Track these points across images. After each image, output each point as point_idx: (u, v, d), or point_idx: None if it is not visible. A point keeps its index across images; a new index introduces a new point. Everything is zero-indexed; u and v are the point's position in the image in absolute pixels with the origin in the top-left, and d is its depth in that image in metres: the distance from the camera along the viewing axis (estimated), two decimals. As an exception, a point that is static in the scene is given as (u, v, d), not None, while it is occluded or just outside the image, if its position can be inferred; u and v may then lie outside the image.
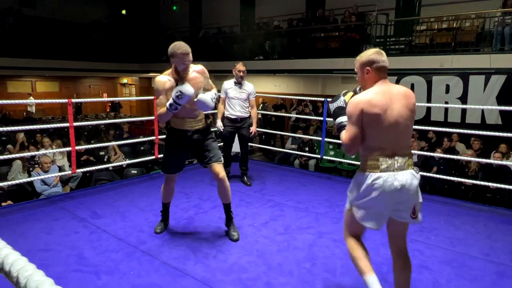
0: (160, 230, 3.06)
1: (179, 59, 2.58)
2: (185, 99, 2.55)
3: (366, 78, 1.89)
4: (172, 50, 2.58)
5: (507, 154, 5.78)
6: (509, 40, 6.85)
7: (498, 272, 2.54)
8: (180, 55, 2.57)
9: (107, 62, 13.91)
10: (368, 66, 1.86)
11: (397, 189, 1.77)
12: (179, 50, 2.57)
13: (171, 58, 2.60)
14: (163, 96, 2.64)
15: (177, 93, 2.53)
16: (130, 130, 8.76)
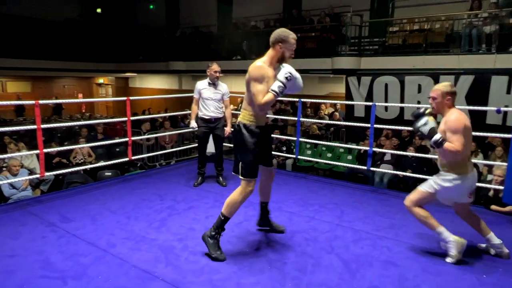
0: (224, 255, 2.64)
1: (290, 44, 2.50)
2: (293, 82, 2.46)
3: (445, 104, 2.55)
4: (284, 34, 2.50)
5: (476, 152, 6.00)
6: (477, 41, 7.10)
7: (461, 267, 2.63)
8: (293, 40, 2.51)
9: (82, 61, 13.60)
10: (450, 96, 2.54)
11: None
12: (291, 35, 2.51)
13: (280, 43, 2.49)
14: (265, 84, 2.47)
15: (287, 74, 2.42)
16: (105, 131, 8.58)
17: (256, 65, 2.50)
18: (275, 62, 2.55)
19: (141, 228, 3.17)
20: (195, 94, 4.33)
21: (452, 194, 2.60)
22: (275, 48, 2.52)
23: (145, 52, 13.51)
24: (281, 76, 2.42)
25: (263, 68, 2.49)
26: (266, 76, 2.47)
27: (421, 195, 2.68)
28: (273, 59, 2.54)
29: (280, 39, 2.49)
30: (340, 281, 2.41)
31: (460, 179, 2.53)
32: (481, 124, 6.59)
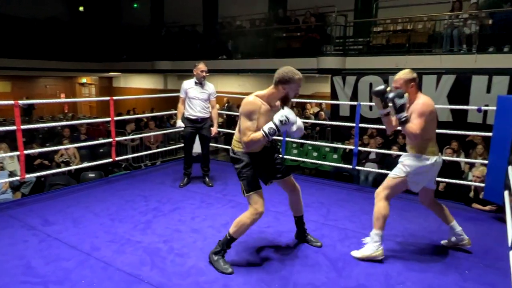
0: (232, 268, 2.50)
1: (296, 85, 2.37)
2: (288, 127, 2.31)
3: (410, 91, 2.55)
4: (289, 75, 2.33)
5: (458, 151, 6.13)
6: (458, 42, 7.25)
7: (444, 263, 2.68)
8: (299, 80, 2.36)
9: (64, 61, 13.31)
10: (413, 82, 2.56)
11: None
12: (297, 75, 2.35)
13: (283, 84, 2.35)
14: (255, 120, 2.35)
15: (282, 118, 2.27)
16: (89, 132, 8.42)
17: (248, 100, 2.38)
18: (275, 101, 2.44)
19: (125, 230, 3.12)
20: (181, 94, 4.28)
21: (422, 177, 2.60)
22: (277, 87, 2.38)
23: (129, 51, 13.32)
24: (277, 118, 2.28)
25: (254, 104, 2.36)
26: (256, 113, 2.35)
27: (392, 181, 2.65)
28: (273, 97, 2.42)
29: (284, 80, 2.34)
30: (326, 280, 2.42)
31: (429, 159, 2.56)
32: (463, 123, 6.75)
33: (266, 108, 2.39)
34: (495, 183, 3.40)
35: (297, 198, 2.80)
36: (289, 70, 2.36)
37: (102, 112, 15.87)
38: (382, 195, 2.66)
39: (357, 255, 2.70)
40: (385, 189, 2.67)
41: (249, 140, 2.35)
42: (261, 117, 2.36)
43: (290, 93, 2.39)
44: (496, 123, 3.39)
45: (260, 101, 2.38)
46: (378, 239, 2.64)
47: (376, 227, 2.65)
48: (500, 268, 2.60)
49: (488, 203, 3.65)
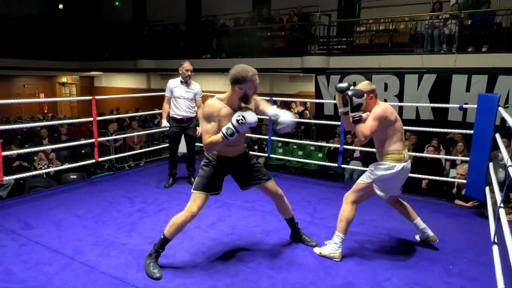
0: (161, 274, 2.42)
1: (251, 82, 2.29)
2: (246, 127, 2.27)
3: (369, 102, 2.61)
4: (242, 74, 2.27)
5: (438, 149, 6.26)
6: (438, 42, 7.41)
7: (429, 258, 2.73)
8: (253, 77, 2.29)
9: (43, 59, 12.95)
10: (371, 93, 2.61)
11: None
12: (250, 72, 2.28)
13: (238, 84, 2.29)
14: (214, 123, 2.32)
15: (239, 118, 2.23)
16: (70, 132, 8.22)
17: (207, 103, 2.38)
18: (236, 102, 2.37)
19: (110, 232, 3.05)
20: (166, 93, 4.22)
21: (387, 184, 2.60)
22: (234, 88, 2.33)
23: (111, 50, 13.07)
24: (234, 119, 2.26)
25: (212, 107, 2.33)
26: (215, 115, 2.32)
27: (359, 186, 2.68)
28: (233, 99, 2.36)
29: (237, 80, 2.28)
30: (314, 278, 2.43)
31: (394, 167, 2.55)
32: (443, 121, 6.90)
33: (228, 111, 2.35)
34: (477, 180, 3.48)
35: (281, 202, 2.78)
36: (242, 68, 2.30)
37: (84, 112, 15.52)
38: (349, 199, 2.69)
39: (317, 251, 2.76)
40: (352, 193, 2.70)
41: (208, 142, 2.31)
42: (223, 120, 2.32)
43: (248, 91, 2.33)
44: (477, 120, 3.47)
45: (220, 104, 2.35)
46: (338, 241, 2.67)
47: (338, 229, 2.67)
48: (483, 262, 2.67)
49: (471, 199, 3.73)
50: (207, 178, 2.50)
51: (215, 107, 2.34)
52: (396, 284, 2.38)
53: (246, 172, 2.63)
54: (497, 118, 3.40)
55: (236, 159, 2.57)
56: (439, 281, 2.42)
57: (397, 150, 2.58)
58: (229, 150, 2.51)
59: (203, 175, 2.51)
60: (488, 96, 3.47)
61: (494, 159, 3.65)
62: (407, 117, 7.36)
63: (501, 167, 3.93)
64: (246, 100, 2.37)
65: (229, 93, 2.38)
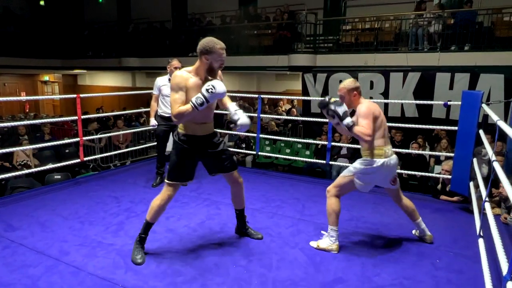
0: (143, 260, 2.54)
1: (217, 54, 2.35)
2: (216, 96, 2.31)
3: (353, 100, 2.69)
4: (209, 45, 2.33)
5: (423, 146, 6.37)
6: (422, 40, 7.53)
7: (416, 253, 2.77)
8: (220, 50, 2.35)
9: (24, 57, 12.59)
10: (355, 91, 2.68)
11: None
12: (218, 44, 2.35)
13: (205, 55, 2.34)
14: (182, 93, 2.36)
15: (208, 87, 2.27)
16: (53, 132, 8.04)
17: (175, 73, 2.44)
18: (203, 73, 2.43)
19: (96, 233, 3.00)
20: (154, 91, 4.16)
21: (368, 178, 2.68)
22: (201, 59, 2.39)
23: (94, 48, 12.82)
24: (204, 88, 2.30)
25: (180, 77, 2.38)
26: (183, 86, 2.36)
27: (341, 180, 2.76)
28: (199, 70, 2.42)
29: (205, 50, 2.35)
30: (305, 275, 2.43)
31: (375, 162, 2.63)
32: (428, 118, 7.02)
33: (196, 81, 2.40)
34: (461, 175, 3.55)
35: (239, 191, 2.82)
36: (210, 40, 2.37)
37: (67, 111, 15.19)
38: (332, 192, 2.76)
39: (313, 245, 2.82)
40: (335, 186, 2.77)
41: (177, 112, 2.33)
42: (192, 91, 2.36)
43: (214, 63, 2.38)
44: (461, 117, 3.54)
45: (187, 74, 2.40)
46: (334, 234, 2.74)
47: (330, 223, 2.75)
48: (468, 256, 2.73)
49: (456, 195, 3.81)
50: (179, 167, 2.54)
51: (183, 77, 2.38)
52: (385, 278, 2.41)
53: (216, 157, 2.66)
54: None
55: (206, 138, 2.60)
56: (427, 275, 2.46)
57: (378, 146, 2.65)
58: (198, 128, 2.53)
59: (175, 164, 2.54)
60: (472, 93, 3.54)
61: (478, 154, 3.73)
62: (392, 115, 7.46)
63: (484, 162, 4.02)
64: (211, 72, 2.42)
65: (196, 64, 2.42)
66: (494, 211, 3.23)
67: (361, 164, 2.68)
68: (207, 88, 2.28)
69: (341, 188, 2.75)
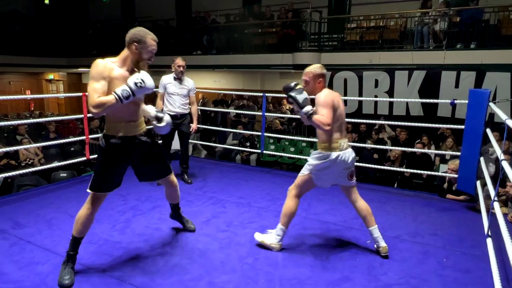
0: (71, 281, 2.23)
1: (148, 46, 2.20)
2: (144, 92, 2.13)
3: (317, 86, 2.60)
4: (140, 34, 2.19)
5: (428, 144, 6.34)
6: (427, 38, 7.49)
7: (423, 252, 2.76)
8: (152, 40, 2.21)
9: (29, 56, 12.66)
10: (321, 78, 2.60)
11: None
12: (150, 35, 2.21)
13: (136, 44, 2.17)
14: (104, 82, 2.12)
15: (137, 80, 2.09)
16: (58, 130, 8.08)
17: (97, 61, 2.16)
18: (130, 64, 2.23)
19: (103, 230, 3.01)
20: (160, 89, 4.17)
21: (324, 173, 2.59)
22: (130, 48, 2.20)
23: (99, 47, 12.85)
24: (131, 81, 2.10)
25: (102, 65, 2.14)
26: (106, 76, 2.13)
27: (300, 179, 2.69)
28: (127, 60, 2.22)
29: (136, 38, 2.18)
30: (311, 273, 2.43)
31: (329, 156, 2.54)
32: (433, 116, 7.00)
33: (121, 73, 2.19)
34: (468, 174, 3.53)
35: (174, 191, 2.78)
36: (141, 29, 2.23)
37: (71, 109, 15.26)
38: (293, 193, 2.70)
39: (258, 238, 2.78)
40: (295, 187, 2.70)
41: (97, 103, 2.06)
42: (116, 82, 2.14)
43: (144, 54, 2.21)
44: (468, 115, 3.52)
45: (112, 64, 2.18)
46: (281, 233, 2.70)
47: (282, 222, 2.70)
48: (476, 255, 2.71)
49: (462, 194, 3.79)
50: (104, 174, 2.31)
51: (106, 66, 2.15)
52: (392, 277, 2.40)
53: (147, 161, 2.47)
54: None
55: (133, 139, 2.34)
56: (434, 274, 2.46)
57: (334, 138, 2.56)
58: (125, 127, 2.29)
59: (99, 172, 2.31)
60: (479, 92, 3.51)
61: (485, 153, 3.70)
62: (397, 113, 7.44)
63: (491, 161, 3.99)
64: (137, 64, 2.24)
65: (123, 54, 2.24)
66: (501, 210, 3.21)
67: (316, 159, 2.59)
68: (136, 82, 2.09)
69: (301, 187, 2.68)
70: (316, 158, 2.59)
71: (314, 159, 2.61)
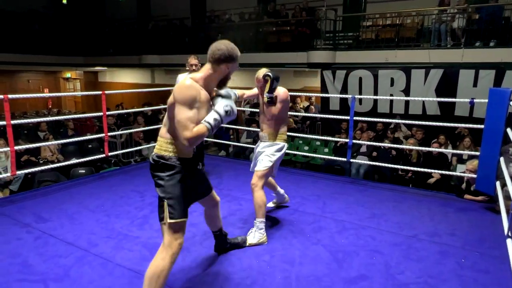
0: None
1: (236, 64, 1.99)
2: (231, 119, 1.94)
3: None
4: (234, 52, 1.95)
5: (445, 144, 6.24)
6: (445, 36, 7.37)
7: (441, 252, 2.74)
8: (237, 58, 1.99)
9: (47, 55, 12.95)
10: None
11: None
12: (239, 52, 1.98)
13: (227, 63, 1.94)
14: (196, 111, 1.85)
15: (227, 108, 1.89)
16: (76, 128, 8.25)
17: (185, 84, 1.86)
18: (213, 85, 1.98)
19: (122, 226, 3.08)
20: None
21: (279, 161, 2.99)
22: (219, 67, 1.94)
23: (115, 45, 13.06)
24: (221, 108, 1.88)
25: (195, 89, 1.86)
26: (197, 100, 1.85)
27: (264, 172, 2.87)
28: (211, 80, 1.96)
29: (230, 57, 1.93)
30: (328, 271, 2.44)
31: (284, 147, 2.96)
32: (450, 116, 6.88)
33: (206, 96, 1.92)
34: (487, 174, 3.48)
35: (216, 211, 2.45)
36: (231, 45, 1.97)
37: (88, 107, 15.55)
38: (260, 185, 2.84)
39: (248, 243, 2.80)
40: (260, 179, 2.86)
41: (195, 135, 1.82)
42: (202, 107, 1.89)
43: (232, 71, 2.01)
44: (488, 114, 3.46)
45: (199, 86, 1.90)
46: (262, 226, 2.83)
47: (259, 215, 2.83)
48: (495, 256, 2.68)
49: (481, 194, 3.73)
50: (182, 197, 1.99)
51: (196, 89, 1.87)
52: (409, 276, 2.40)
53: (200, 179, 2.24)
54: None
55: (194, 159, 2.07)
56: (452, 274, 2.44)
57: (285, 131, 2.99)
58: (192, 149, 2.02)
59: (176, 195, 1.97)
60: (500, 91, 3.45)
61: (505, 153, 3.64)
62: (413, 113, 7.35)
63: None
64: (225, 83, 2.02)
65: (207, 73, 1.95)
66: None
67: (277, 151, 2.92)
68: (226, 110, 1.88)
69: (265, 178, 2.90)
70: (277, 150, 2.93)
71: (276, 151, 2.92)
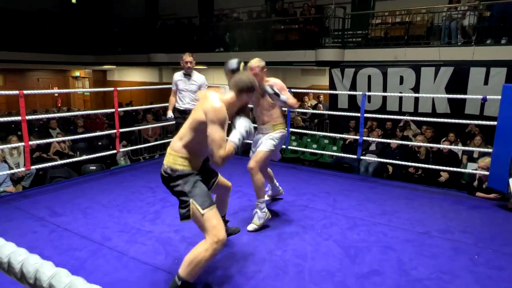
0: None
1: (254, 93, 2.18)
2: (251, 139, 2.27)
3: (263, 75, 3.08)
4: (254, 82, 2.13)
5: (455, 142, 6.19)
6: (455, 34, 7.30)
7: (453, 249, 2.73)
8: (256, 89, 2.17)
9: (57, 53, 13.09)
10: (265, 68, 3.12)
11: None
12: (256, 84, 2.16)
13: (247, 93, 2.10)
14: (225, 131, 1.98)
15: (248, 129, 2.06)
16: (86, 125, 8.33)
17: (219, 106, 1.96)
18: (234, 110, 2.14)
19: (135, 220, 3.11)
20: (172, 86, 4.33)
21: (279, 147, 3.15)
22: (241, 95, 2.10)
23: (124, 44, 13.15)
24: (242, 129, 2.04)
25: (225, 111, 1.99)
26: (226, 122, 2.00)
27: (266, 154, 2.99)
28: (233, 106, 2.11)
29: (248, 89, 2.09)
30: (340, 266, 2.45)
31: (284, 132, 3.12)
32: (460, 114, 6.81)
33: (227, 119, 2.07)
34: (500, 172, 3.45)
35: (227, 197, 2.58)
36: (253, 77, 2.20)
37: (96, 105, 15.67)
38: (258, 168, 2.94)
39: (252, 228, 2.94)
40: (259, 162, 2.95)
41: (228, 154, 1.95)
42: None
43: (248, 100, 2.18)
44: (501, 111, 3.43)
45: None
46: (264, 206, 2.98)
47: (259, 196, 2.97)
48: (509, 253, 2.66)
49: (493, 192, 3.70)
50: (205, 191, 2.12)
51: (225, 111, 2.00)
52: (422, 272, 2.39)
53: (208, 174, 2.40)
54: None
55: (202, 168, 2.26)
56: (466, 271, 2.43)
57: (283, 121, 3.17)
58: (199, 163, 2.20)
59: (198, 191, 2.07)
60: (513, 87, 3.42)
61: (518, 151, 3.60)
62: (423, 111, 7.29)
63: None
64: (244, 110, 2.21)
65: (231, 99, 2.10)
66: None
67: (279, 138, 3.05)
68: (248, 130, 2.05)
69: (264, 162, 3.00)
70: (280, 136, 3.08)
71: (278, 137, 3.06)
